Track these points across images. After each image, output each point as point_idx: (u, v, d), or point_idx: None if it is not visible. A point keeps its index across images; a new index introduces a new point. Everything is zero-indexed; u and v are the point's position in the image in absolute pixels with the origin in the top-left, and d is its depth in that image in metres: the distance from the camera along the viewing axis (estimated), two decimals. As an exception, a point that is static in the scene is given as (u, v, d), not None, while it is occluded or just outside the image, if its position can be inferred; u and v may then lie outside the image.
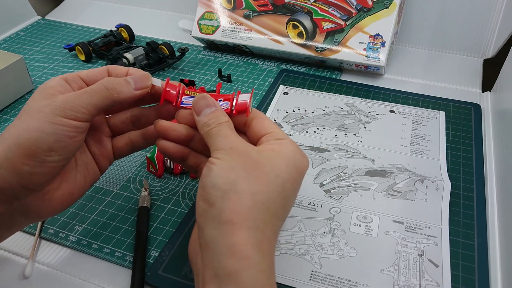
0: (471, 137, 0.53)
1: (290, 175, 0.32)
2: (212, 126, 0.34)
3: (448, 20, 0.68)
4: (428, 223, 0.42)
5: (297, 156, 0.34)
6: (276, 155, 0.33)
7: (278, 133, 0.35)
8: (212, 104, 0.35)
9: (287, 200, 0.32)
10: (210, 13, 0.70)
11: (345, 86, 0.63)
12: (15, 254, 0.42)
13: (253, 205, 0.30)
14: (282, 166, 0.32)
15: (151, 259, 0.40)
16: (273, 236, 0.31)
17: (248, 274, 0.28)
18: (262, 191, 0.30)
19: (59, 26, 0.83)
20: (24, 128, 0.32)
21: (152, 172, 0.50)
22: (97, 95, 0.34)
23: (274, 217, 0.31)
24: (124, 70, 0.38)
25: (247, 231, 0.29)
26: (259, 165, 0.31)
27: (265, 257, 0.29)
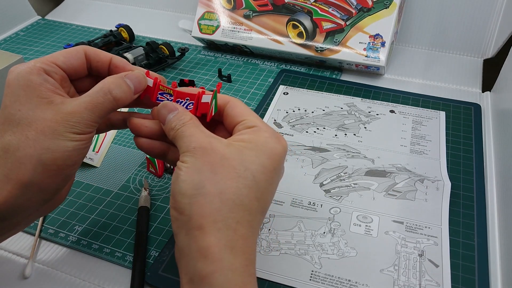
0: (471, 137, 0.53)
1: (261, 165, 0.31)
2: (175, 128, 0.33)
3: (448, 20, 0.68)
4: (428, 223, 0.42)
5: (270, 144, 0.32)
6: (245, 145, 0.31)
7: (249, 121, 0.33)
8: (174, 108, 0.34)
9: (262, 191, 0.31)
10: (210, 13, 0.70)
11: (345, 86, 0.63)
12: (15, 254, 0.42)
13: (222, 205, 0.29)
14: (251, 156, 0.31)
15: (151, 259, 0.40)
16: (249, 231, 0.30)
17: (220, 276, 0.28)
18: (230, 188, 0.30)
19: (59, 26, 0.83)
20: (44, 149, 0.30)
21: (152, 172, 0.50)
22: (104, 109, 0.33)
23: (248, 212, 0.30)
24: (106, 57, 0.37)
25: (217, 233, 0.29)
26: (226, 160, 0.30)
27: (238, 255, 0.29)
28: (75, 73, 0.36)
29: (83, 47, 0.36)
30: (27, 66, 0.32)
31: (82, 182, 0.49)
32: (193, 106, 0.35)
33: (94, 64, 0.36)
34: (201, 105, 0.35)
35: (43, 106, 0.31)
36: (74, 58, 0.35)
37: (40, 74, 0.32)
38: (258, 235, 0.33)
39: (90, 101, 0.32)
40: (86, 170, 0.50)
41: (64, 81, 0.35)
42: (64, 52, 0.35)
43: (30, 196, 0.31)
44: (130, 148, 0.54)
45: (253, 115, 0.34)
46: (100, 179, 0.49)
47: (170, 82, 0.65)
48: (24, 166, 0.30)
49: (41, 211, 0.35)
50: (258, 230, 0.32)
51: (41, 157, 0.30)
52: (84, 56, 0.36)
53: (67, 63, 0.35)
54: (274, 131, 0.33)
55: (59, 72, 0.34)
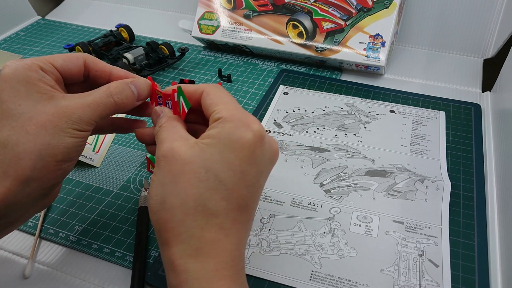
0: (471, 137, 0.53)
1: (225, 162, 0.29)
2: (155, 132, 0.33)
3: (448, 20, 0.68)
4: (428, 223, 0.42)
5: (236, 135, 0.29)
6: (208, 143, 0.30)
7: (217, 111, 0.31)
8: (160, 112, 0.35)
9: (231, 189, 0.29)
10: (210, 13, 0.70)
11: (345, 86, 0.63)
12: (15, 254, 0.42)
13: (184, 216, 0.29)
14: (214, 155, 0.29)
15: (151, 259, 0.40)
16: (219, 235, 0.29)
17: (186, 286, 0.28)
18: (192, 195, 0.29)
19: (59, 26, 0.83)
20: (44, 144, 0.30)
21: (152, 172, 0.50)
22: (106, 110, 0.34)
23: (214, 216, 0.29)
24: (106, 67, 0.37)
25: (181, 245, 0.29)
26: (187, 164, 0.29)
27: (205, 262, 0.28)
28: (71, 78, 0.36)
29: (83, 55, 0.36)
30: (25, 63, 0.32)
31: (82, 182, 0.49)
32: (172, 106, 0.35)
33: (92, 73, 0.37)
34: (175, 104, 0.35)
35: (44, 101, 0.31)
36: (72, 63, 0.35)
37: (37, 71, 0.32)
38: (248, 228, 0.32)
39: (93, 101, 0.33)
40: (86, 170, 0.50)
41: (59, 82, 0.35)
42: (63, 56, 0.35)
43: (29, 192, 0.31)
44: (130, 148, 0.54)
45: (222, 102, 0.32)
46: (100, 179, 0.49)
47: (170, 82, 0.65)
48: (24, 162, 0.30)
49: (37, 207, 0.35)
50: (235, 229, 0.30)
51: (41, 153, 0.30)
52: (83, 64, 0.36)
53: (64, 67, 0.35)
54: (242, 117, 0.30)
55: (55, 73, 0.34)
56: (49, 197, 0.35)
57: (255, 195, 0.31)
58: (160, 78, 0.66)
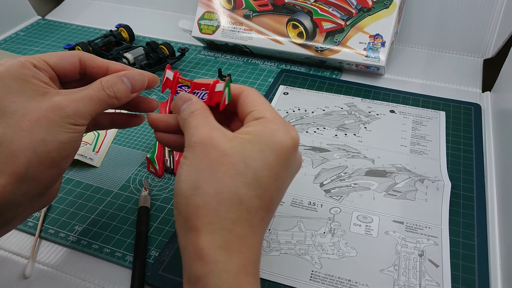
0: (471, 137, 0.53)
1: (264, 161, 0.29)
2: (184, 118, 0.32)
3: (448, 20, 0.68)
4: (428, 223, 0.42)
5: (276, 137, 0.30)
6: (249, 139, 0.30)
7: (258, 111, 0.32)
8: (188, 98, 0.34)
9: (265, 188, 0.30)
10: (210, 13, 0.70)
11: (345, 86, 0.63)
12: (15, 254, 0.42)
13: (218, 206, 0.28)
14: (254, 152, 0.29)
15: (151, 259, 0.40)
16: (248, 231, 0.29)
17: (214, 278, 0.28)
18: (228, 187, 0.29)
19: (59, 26, 0.83)
20: (38, 140, 0.30)
21: (152, 172, 0.50)
22: (100, 103, 0.33)
23: (246, 211, 0.29)
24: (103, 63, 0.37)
25: (212, 234, 0.28)
26: (226, 156, 0.29)
27: (234, 256, 0.28)
28: (66, 76, 0.36)
29: (78, 53, 0.36)
30: (18, 60, 0.32)
31: (82, 182, 0.49)
32: (208, 96, 0.35)
33: (89, 70, 0.36)
34: (215, 94, 0.34)
35: (38, 97, 0.31)
36: (67, 62, 0.35)
37: (30, 68, 0.32)
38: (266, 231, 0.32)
39: (87, 94, 0.33)
40: (86, 170, 0.50)
41: (54, 80, 0.35)
42: (58, 54, 0.35)
43: (25, 190, 0.31)
44: (130, 148, 0.54)
45: (263, 104, 0.32)
46: (100, 179, 0.49)
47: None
48: (19, 159, 0.30)
49: (35, 206, 0.35)
50: (261, 228, 0.31)
51: (36, 149, 0.30)
52: (78, 62, 0.36)
53: (58, 65, 0.35)
54: (283, 122, 0.31)
55: (49, 70, 0.34)
56: (46, 196, 0.35)
57: (280, 199, 0.32)
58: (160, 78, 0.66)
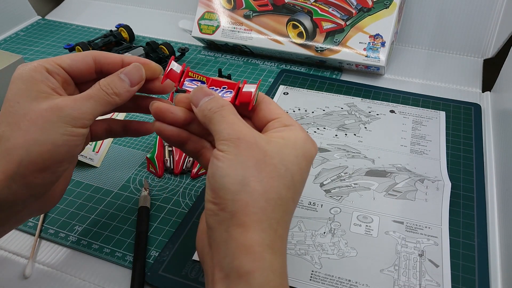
0: (471, 137, 0.53)
1: (299, 166, 0.31)
2: (212, 110, 0.31)
3: (448, 20, 0.68)
4: (428, 223, 0.42)
5: (307, 144, 0.32)
6: (285, 144, 0.31)
7: (286, 119, 0.33)
8: (210, 93, 0.33)
9: (297, 193, 0.31)
10: (210, 13, 0.70)
11: (345, 86, 0.63)
12: (15, 254, 0.42)
13: (267, 204, 0.29)
14: (291, 156, 0.30)
15: (151, 259, 0.40)
16: (285, 233, 0.30)
17: (260, 275, 0.27)
18: (273, 187, 0.29)
19: (59, 26, 0.83)
20: (32, 140, 0.30)
21: (152, 172, 0.50)
22: (100, 101, 0.33)
23: (285, 213, 0.30)
24: (117, 58, 0.36)
25: (261, 232, 0.28)
26: (268, 157, 0.29)
27: (278, 256, 0.29)
28: (81, 77, 0.36)
29: (91, 52, 0.36)
30: (32, 65, 0.33)
31: (82, 182, 0.49)
32: (233, 94, 0.34)
33: (105, 67, 0.36)
34: (242, 94, 0.34)
35: (40, 99, 0.32)
36: (81, 62, 0.35)
37: (42, 72, 0.33)
38: None
39: (85, 94, 0.33)
40: (86, 170, 0.50)
41: (67, 83, 0.35)
42: (71, 55, 0.35)
43: (15, 189, 0.31)
44: (130, 148, 0.54)
45: (287, 114, 0.34)
46: (100, 179, 0.49)
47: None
48: (11, 157, 0.30)
49: (32, 210, 0.35)
50: (288, 230, 0.32)
51: (29, 149, 0.30)
52: (93, 61, 0.36)
53: (72, 67, 0.35)
54: (307, 134, 0.33)
55: (62, 73, 0.34)
56: (43, 201, 0.35)
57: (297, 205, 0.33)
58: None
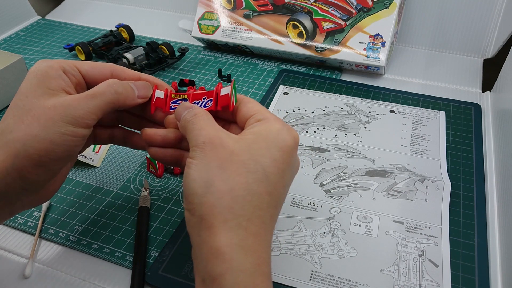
0: (471, 137, 0.53)
1: (272, 159, 0.30)
2: (187, 119, 0.33)
3: (448, 20, 0.68)
4: (428, 223, 0.42)
5: (281, 135, 0.31)
6: (255, 139, 0.31)
7: (260, 114, 0.33)
8: (189, 106, 0.34)
9: (273, 185, 0.30)
10: (210, 13, 0.70)
11: (345, 86, 0.63)
12: (15, 254, 0.42)
13: (233, 202, 0.29)
14: (261, 150, 0.30)
15: (151, 259, 0.40)
16: (260, 228, 0.29)
17: (230, 277, 0.27)
18: (240, 184, 0.29)
19: (59, 26, 0.83)
20: (32, 135, 0.31)
21: (152, 172, 0.50)
22: (105, 99, 0.33)
23: (258, 208, 0.29)
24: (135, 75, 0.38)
25: (228, 232, 0.28)
26: (236, 155, 0.30)
27: (249, 254, 0.28)
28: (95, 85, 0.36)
29: (111, 65, 0.37)
30: (50, 61, 0.34)
31: (82, 182, 0.49)
32: (213, 101, 0.35)
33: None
34: (221, 98, 0.35)
35: (48, 96, 0.32)
36: (98, 71, 0.36)
37: (57, 70, 0.34)
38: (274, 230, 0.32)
39: (92, 92, 0.33)
40: (86, 170, 0.50)
41: (81, 87, 0.36)
42: (92, 63, 0.37)
43: (9, 181, 0.31)
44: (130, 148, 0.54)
45: (264, 109, 0.34)
46: (100, 179, 0.49)
47: (170, 82, 0.65)
48: (8, 149, 0.31)
49: (25, 203, 0.35)
50: (271, 225, 0.31)
51: (26, 144, 0.31)
52: (110, 73, 0.37)
53: (89, 73, 0.36)
54: (284, 123, 0.33)
55: (78, 76, 0.35)
56: (37, 195, 0.35)
57: (285, 197, 0.33)
58: (160, 78, 0.66)
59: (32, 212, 0.45)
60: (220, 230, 0.28)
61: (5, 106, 0.61)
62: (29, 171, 0.31)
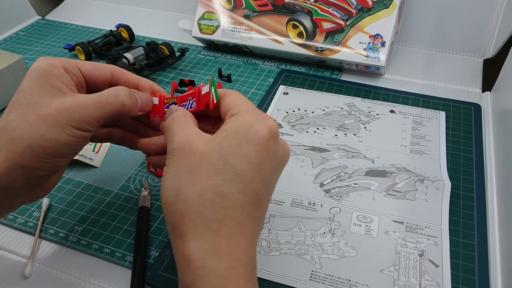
0: (471, 137, 0.53)
1: (243, 155, 0.29)
2: (166, 125, 0.33)
3: (448, 20, 0.68)
4: (428, 223, 0.42)
5: (253, 128, 0.30)
6: (226, 136, 0.30)
7: (235, 107, 0.32)
8: (174, 109, 0.34)
9: (248, 183, 0.29)
10: (210, 13, 0.70)
11: (345, 86, 0.63)
12: (15, 254, 0.42)
13: (202, 207, 0.28)
14: (232, 147, 0.29)
15: (151, 259, 0.40)
16: (235, 229, 0.29)
17: (201, 284, 0.27)
18: (209, 187, 0.28)
19: (59, 26, 0.83)
20: (38, 134, 0.31)
21: (152, 172, 0.50)
22: (110, 109, 0.34)
23: (231, 209, 0.29)
24: (134, 78, 0.38)
25: (198, 238, 0.28)
26: (205, 158, 0.29)
27: (222, 258, 0.28)
28: (95, 85, 0.37)
29: (112, 67, 0.38)
30: (52, 60, 0.34)
31: (82, 182, 0.49)
32: (196, 101, 0.35)
33: (121, 83, 0.38)
34: (202, 97, 0.35)
35: (54, 96, 0.33)
36: (99, 72, 0.37)
37: (59, 69, 0.34)
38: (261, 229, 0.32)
39: (99, 99, 0.34)
40: (86, 170, 0.50)
41: (81, 86, 0.36)
42: (92, 63, 0.37)
43: (15, 177, 0.32)
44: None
45: (240, 101, 0.32)
46: (100, 179, 0.49)
47: (170, 82, 0.65)
48: (14, 147, 0.31)
49: (25, 198, 0.35)
50: (250, 225, 0.30)
51: (32, 142, 0.31)
52: (111, 74, 0.37)
53: (90, 73, 0.36)
54: (259, 113, 0.31)
55: (79, 76, 0.36)
56: (38, 189, 0.35)
57: (268, 191, 0.32)
58: (160, 78, 0.66)
59: (32, 212, 0.45)
60: (190, 237, 0.28)
61: (5, 106, 0.61)
62: (34, 167, 0.32)
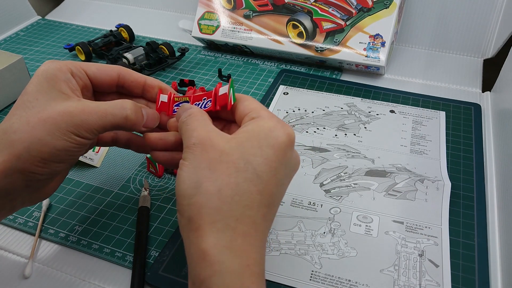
0: (471, 137, 0.53)
1: (263, 157, 0.30)
2: (182, 120, 0.33)
3: (448, 20, 0.68)
4: (428, 223, 0.42)
5: (274, 132, 0.31)
6: (247, 137, 0.30)
7: (255, 111, 0.33)
8: (188, 108, 0.34)
9: (265, 184, 0.30)
10: (210, 13, 0.70)
11: (345, 86, 0.63)
12: (15, 254, 0.42)
13: (221, 203, 0.28)
14: (253, 149, 0.30)
15: (151, 259, 0.40)
16: (250, 228, 0.29)
17: (217, 280, 0.27)
18: (229, 184, 0.29)
19: (59, 26, 0.83)
20: (36, 138, 0.31)
21: (152, 172, 0.50)
22: (113, 121, 0.34)
23: (248, 208, 0.29)
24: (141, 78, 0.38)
25: (216, 233, 0.28)
26: (226, 155, 0.29)
27: (237, 255, 0.28)
28: (102, 87, 0.37)
29: (118, 68, 0.38)
30: (58, 63, 0.34)
31: (82, 182, 0.49)
32: (212, 101, 0.35)
33: (128, 84, 0.38)
34: (219, 98, 0.35)
35: (59, 100, 0.32)
36: (105, 74, 0.37)
37: (65, 73, 0.34)
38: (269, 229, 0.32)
39: (104, 109, 0.33)
40: (86, 170, 0.50)
41: (87, 89, 0.36)
42: (98, 65, 0.37)
43: (12, 179, 0.32)
44: (130, 148, 0.54)
45: (259, 107, 0.33)
46: (100, 179, 0.49)
47: (170, 82, 0.65)
48: (13, 150, 0.31)
49: (25, 200, 0.35)
50: (263, 226, 0.30)
51: (30, 146, 0.31)
52: (117, 76, 0.37)
53: (96, 75, 0.36)
54: (279, 120, 0.32)
55: (85, 79, 0.36)
56: (37, 192, 0.35)
57: (281, 196, 0.32)
58: (160, 78, 0.66)
59: (32, 212, 0.45)
60: (207, 232, 0.28)
61: (5, 106, 0.61)
62: (30, 171, 0.32)
